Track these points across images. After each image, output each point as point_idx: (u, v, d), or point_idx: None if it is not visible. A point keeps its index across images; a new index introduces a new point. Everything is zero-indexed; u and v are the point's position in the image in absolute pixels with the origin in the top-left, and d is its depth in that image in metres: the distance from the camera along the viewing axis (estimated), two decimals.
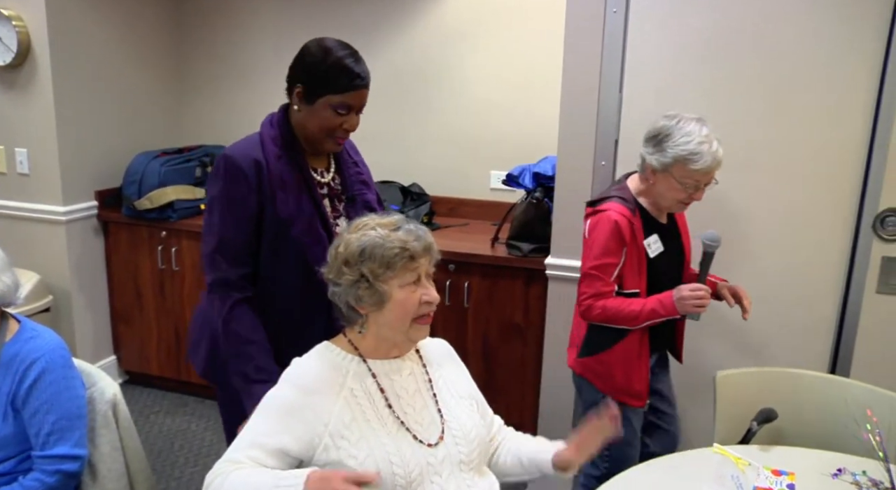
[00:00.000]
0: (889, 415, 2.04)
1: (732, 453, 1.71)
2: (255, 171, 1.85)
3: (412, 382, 1.66)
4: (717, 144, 2.14)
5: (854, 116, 2.49)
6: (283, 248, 1.90)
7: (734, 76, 2.55)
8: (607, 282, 2.22)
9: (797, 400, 2.19)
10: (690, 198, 2.20)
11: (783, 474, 1.87)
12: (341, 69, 1.84)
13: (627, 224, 2.19)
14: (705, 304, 2.15)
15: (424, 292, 1.58)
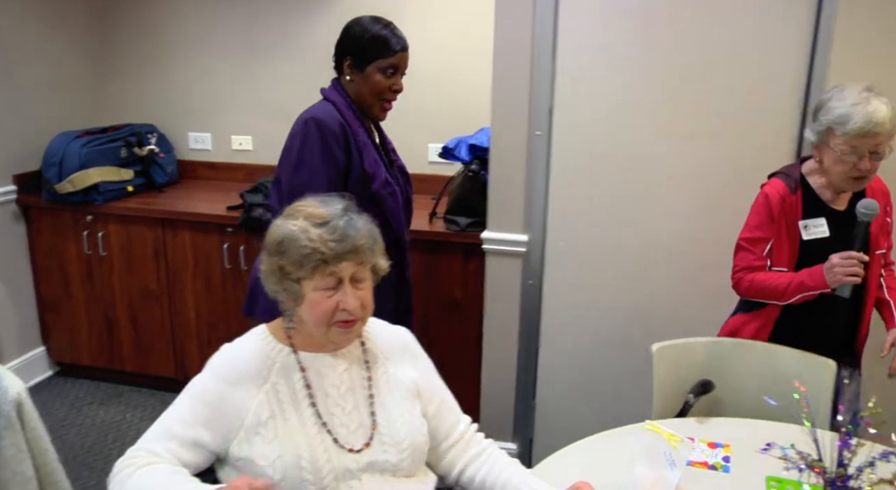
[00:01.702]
0: (822, 379, 2.05)
1: (665, 430, 1.67)
2: (342, 131, 2.04)
3: (347, 380, 1.54)
4: (879, 105, 1.92)
5: (787, 84, 2.46)
6: (365, 203, 1.92)
7: (670, 42, 2.50)
8: (759, 255, 2.14)
9: (735, 369, 2.16)
10: (857, 170, 1.97)
11: (719, 447, 1.84)
12: (384, 37, 2.12)
13: (780, 200, 2.10)
14: (858, 274, 1.95)
15: (342, 300, 1.43)
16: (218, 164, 3.92)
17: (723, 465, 1.77)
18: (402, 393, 1.57)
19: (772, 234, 2.12)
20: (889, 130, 1.93)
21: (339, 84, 2.19)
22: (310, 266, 1.40)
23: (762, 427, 1.88)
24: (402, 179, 2.30)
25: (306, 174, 2.03)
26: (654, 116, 2.56)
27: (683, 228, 2.63)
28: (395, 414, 1.54)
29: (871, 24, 2.37)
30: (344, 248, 1.41)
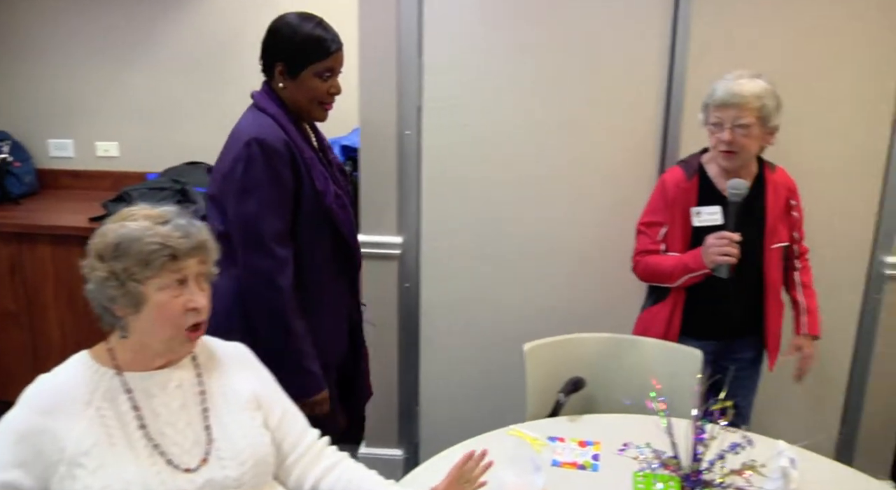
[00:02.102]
0: (688, 369, 2.07)
1: (528, 434, 1.64)
2: (288, 150, 1.88)
3: (178, 396, 1.45)
4: (747, 82, 2.01)
5: (649, 76, 2.49)
6: (318, 220, 1.95)
7: (538, 37, 2.48)
8: (654, 240, 2.18)
9: (607, 364, 2.17)
10: (721, 142, 2.05)
11: (589, 445, 1.83)
12: (317, 38, 1.92)
13: (674, 186, 2.15)
14: (731, 253, 1.99)
15: (189, 298, 1.38)
16: (81, 173, 3.67)
17: (592, 463, 1.75)
18: (240, 405, 1.50)
19: (666, 219, 2.15)
20: (754, 106, 1.99)
21: (272, 90, 1.97)
22: (158, 263, 1.34)
23: (633, 422, 1.88)
24: (342, 180, 2.12)
25: (254, 203, 1.85)
26: (524, 111, 2.54)
27: (560, 222, 2.63)
28: (233, 427, 1.47)
29: (725, 13, 2.42)
30: (191, 244, 1.38)
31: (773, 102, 2.03)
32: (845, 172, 2.53)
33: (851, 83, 2.46)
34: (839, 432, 2.81)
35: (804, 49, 2.45)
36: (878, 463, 2.81)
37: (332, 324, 2.06)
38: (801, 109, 2.47)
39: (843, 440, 2.81)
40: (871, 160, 2.53)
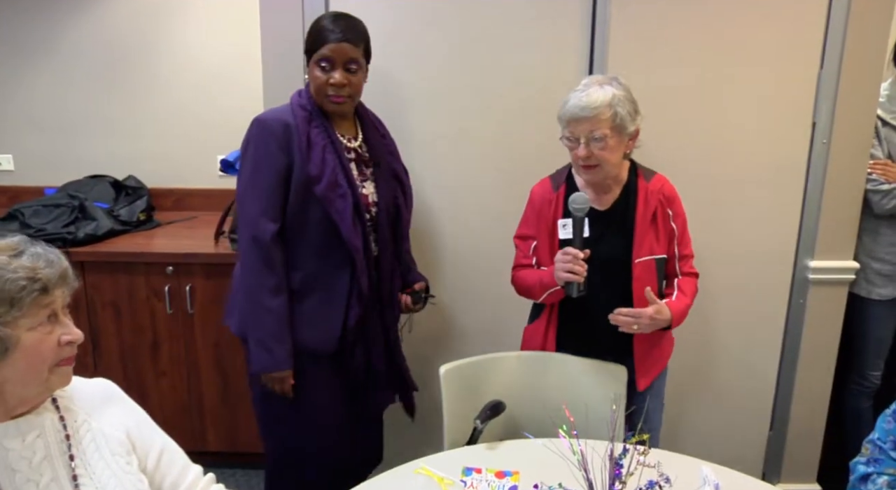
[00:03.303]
0: (613, 386, 2.00)
1: (435, 473, 1.53)
2: (284, 130, 1.96)
3: (41, 446, 1.29)
4: (597, 91, 1.89)
5: (569, 80, 2.39)
6: (309, 206, 1.98)
7: (449, 40, 2.40)
8: (526, 253, 2.11)
9: (530, 384, 2.06)
10: (577, 157, 1.94)
11: (507, 476, 1.72)
12: (320, 28, 1.99)
13: (539, 198, 2.09)
14: (576, 271, 1.88)
15: (64, 332, 1.26)
16: None
17: None
18: (111, 448, 1.36)
19: (535, 232, 2.08)
20: (606, 116, 1.88)
21: None
22: (29, 299, 1.20)
23: (556, 446, 1.77)
24: (386, 184, 2.13)
25: (244, 178, 2.01)
26: (441, 120, 2.45)
27: (462, 234, 2.55)
28: (106, 475, 1.32)
29: (644, 18, 2.36)
30: (57, 273, 1.25)
31: (626, 109, 1.90)
32: (767, 177, 2.50)
33: (771, 88, 2.42)
34: (768, 438, 2.78)
35: (725, 54, 2.40)
36: (805, 467, 2.80)
37: (317, 313, 2.05)
38: (723, 114, 2.44)
39: (771, 445, 2.78)
40: (793, 165, 2.50)
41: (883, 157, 2.55)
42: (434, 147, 2.47)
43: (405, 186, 2.21)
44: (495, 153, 2.48)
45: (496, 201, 2.51)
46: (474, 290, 2.59)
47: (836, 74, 2.41)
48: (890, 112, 2.56)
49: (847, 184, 2.50)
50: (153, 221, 3.12)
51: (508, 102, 2.44)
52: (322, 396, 2.11)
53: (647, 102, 2.38)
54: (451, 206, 2.53)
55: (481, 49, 2.40)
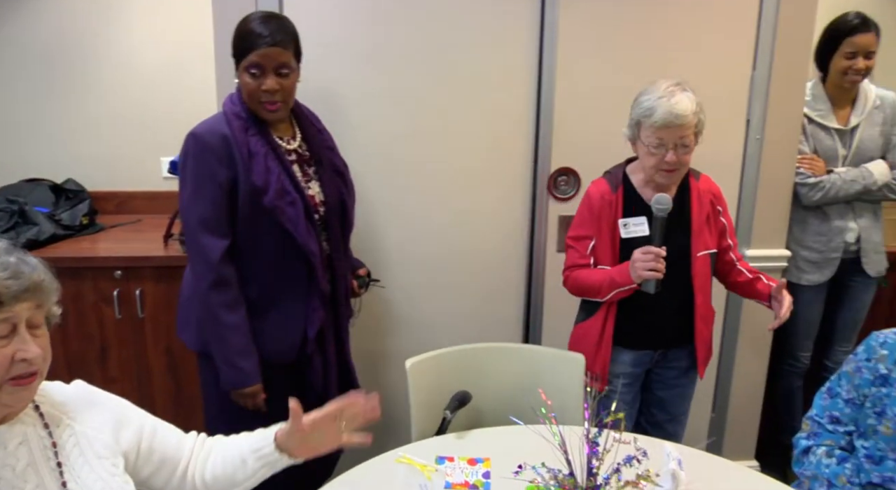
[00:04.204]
0: (574, 375, 2.08)
1: (417, 460, 1.57)
2: (222, 143, 1.90)
3: (24, 454, 1.27)
4: (683, 98, 1.95)
5: (520, 79, 2.48)
6: (258, 218, 1.93)
7: (401, 40, 2.42)
8: (583, 254, 2.13)
9: (493, 375, 2.13)
10: (664, 162, 1.99)
11: (479, 462, 1.78)
12: (247, 33, 1.91)
13: (600, 198, 2.11)
14: (658, 269, 1.95)
15: (20, 348, 1.22)
16: None
17: (483, 482, 1.70)
18: (96, 452, 1.35)
19: (593, 232, 2.11)
20: (693, 123, 1.98)
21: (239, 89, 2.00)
22: None
23: (522, 434, 1.84)
24: (330, 181, 2.10)
25: (186, 194, 1.94)
26: (391, 119, 2.48)
27: (434, 232, 2.58)
28: (92, 479, 1.32)
29: (590, 18, 2.46)
30: (21, 286, 1.21)
31: (703, 113, 2.02)
32: (707, 172, 2.61)
33: (709, 88, 2.53)
34: (711, 420, 2.93)
35: (666, 56, 2.51)
36: (744, 445, 2.95)
37: (277, 325, 2.03)
38: None
39: (714, 426, 2.93)
40: (730, 160, 2.64)
41: (810, 153, 2.72)
42: (383, 144, 2.49)
43: (347, 180, 2.19)
44: (444, 151, 2.52)
45: (444, 198, 2.56)
46: (419, 284, 2.63)
47: (766, 76, 2.56)
48: (815, 110, 2.73)
49: (778, 177, 2.66)
50: (96, 225, 3.05)
51: (457, 100, 2.48)
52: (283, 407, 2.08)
53: (594, 102, 2.51)
54: (398, 203, 2.55)
55: (431, 48, 2.43)
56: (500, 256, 2.62)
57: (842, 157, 2.73)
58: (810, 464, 1.76)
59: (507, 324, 2.67)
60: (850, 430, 1.76)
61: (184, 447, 1.52)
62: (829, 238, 2.76)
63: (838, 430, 1.77)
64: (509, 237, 2.60)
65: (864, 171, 2.69)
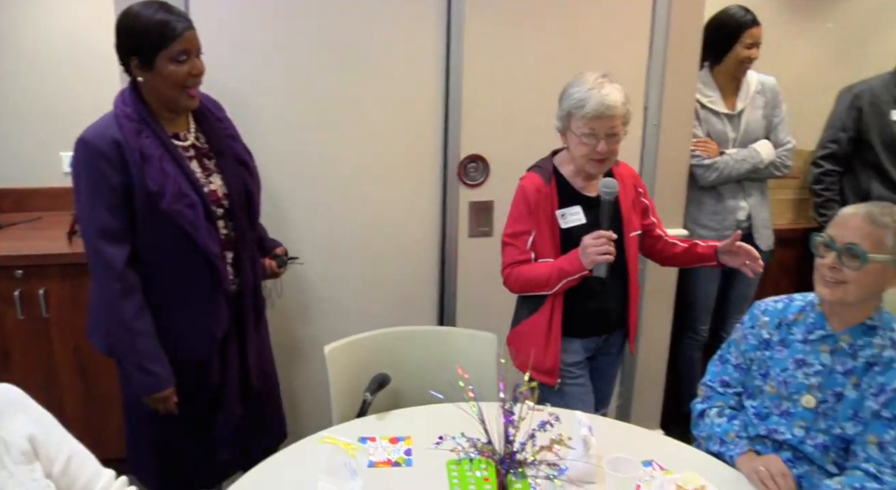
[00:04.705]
0: (488, 353, 2.16)
1: (341, 439, 1.61)
2: (114, 148, 1.84)
3: None
4: (612, 90, 2.00)
5: (428, 69, 2.53)
6: (157, 222, 1.89)
7: (308, 32, 2.42)
8: (523, 249, 2.12)
9: (410, 357, 2.18)
10: (596, 152, 2.03)
11: (400, 441, 1.83)
12: (162, 22, 1.86)
13: (536, 191, 2.10)
14: (609, 252, 1.97)
15: None
16: None
17: (405, 459, 1.75)
18: (14, 458, 1.33)
19: (532, 226, 2.12)
20: (622, 114, 2.03)
21: (134, 87, 1.94)
22: None
23: (442, 412, 1.90)
24: (233, 172, 2.06)
25: (81, 201, 1.89)
26: (303, 112, 2.48)
27: (347, 222, 2.60)
28: (10, 484, 1.30)
29: (495, 13, 2.52)
30: None
31: (630, 104, 2.08)
32: None
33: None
34: (618, 393, 3.06)
35: (568, 47, 2.61)
36: (650, 415, 3.11)
37: (183, 326, 2.00)
38: None
39: (621, 399, 3.07)
40: (630, 145, 2.75)
41: (703, 136, 2.89)
42: (293, 137, 2.49)
43: (251, 168, 2.15)
44: (354, 141, 2.54)
45: (356, 187, 2.58)
46: (335, 273, 2.64)
47: (661, 64, 2.70)
48: (706, 96, 2.90)
49: (675, 160, 2.82)
50: None
51: (365, 91, 2.50)
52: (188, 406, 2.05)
53: (500, 90, 2.58)
54: (310, 194, 2.56)
55: (337, 39, 2.44)
56: (414, 243, 2.66)
57: (732, 139, 2.91)
58: (705, 425, 1.89)
59: (423, 308, 2.72)
60: (738, 391, 1.90)
61: (97, 483, 1.45)
62: (724, 216, 2.94)
63: (728, 392, 1.91)
64: (422, 224, 2.65)
65: (752, 151, 2.88)
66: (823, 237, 1.72)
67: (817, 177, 3.18)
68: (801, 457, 1.77)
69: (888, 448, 1.63)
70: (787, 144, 2.95)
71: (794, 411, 1.77)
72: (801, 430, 1.76)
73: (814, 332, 1.78)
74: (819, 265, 1.73)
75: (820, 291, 1.74)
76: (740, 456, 1.76)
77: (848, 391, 1.71)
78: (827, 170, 3.15)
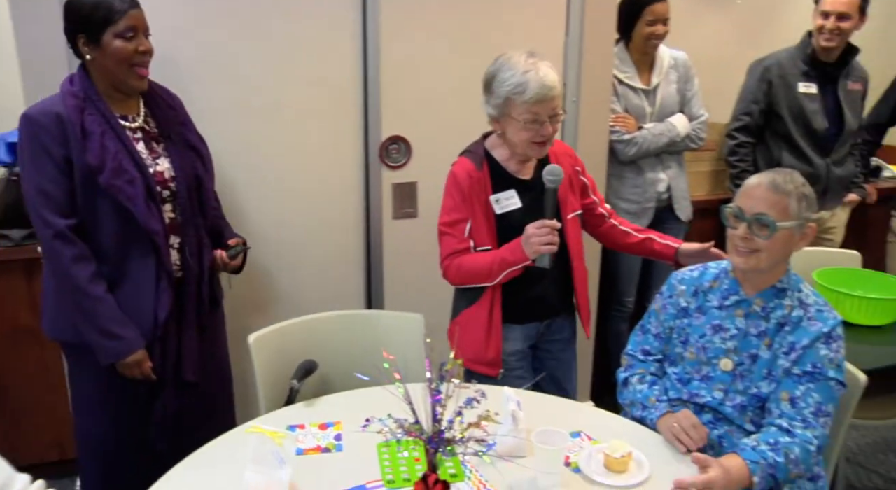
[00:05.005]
0: (416, 334, 2.15)
1: (267, 428, 1.58)
2: (57, 123, 1.88)
3: None
4: (548, 70, 1.93)
5: (345, 49, 2.49)
6: (96, 197, 1.91)
7: (223, 16, 2.36)
8: (461, 238, 2.05)
9: (338, 342, 2.16)
10: (540, 135, 1.97)
11: (329, 427, 1.81)
12: (102, 1, 1.88)
13: (467, 177, 2.04)
14: (553, 242, 1.91)
15: None
16: None
17: (335, 444, 1.74)
18: None
19: (468, 214, 2.05)
20: (561, 92, 2.00)
21: (83, 68, 1.97)
22: None
23: (370, 395, 1.89)
24: (182, 156, 2.06)
25: (26, 175, 1.92)
26: (210, 92, 2.40)
27: (269, 207, 2.55)
28: None
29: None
30: None
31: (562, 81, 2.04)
32: None
33: None
34: None
35: (486, 21, 2.60)
36: (580, 389, 3.16)
37: (128, 309, 1.97)
38: None
39: None
40: None
41: (621, 111, 2.94)
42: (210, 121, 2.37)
43: (203, 155, 2.14)
44: (273, 125, 2.48)
45: (277, 172, 2.53)
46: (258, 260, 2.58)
47: (578, 41, 2.73)
48: (622, 72, 2.95)
49: (595, 135, 2.85)
50: None
51: (282, 74, 2.45)
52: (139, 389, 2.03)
53: (419, 70, 2.56)
54: (229, 179, 2.48)
55: (251, 21, 2.38)
56: (338, 227, 2.63)
57: (649, 114, 2.97)
58: (628, 393, 1.94)
59: (351, 291, 2.69)
60: (659, 359, 1.96)
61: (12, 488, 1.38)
62: (644, 189, 3.00)
63: (649, 360, 1.96)
64: (345, 207, 2.62)
65: (669, 125, 2.95)
66: (733, 208, 1.77)
67: (732, 148, 3.27)
68: (722, 418, 1.83)
69: (799, 403, 1.70)
70: (701, 117, 3.02)
71: (714, 375, 1.83)
72: (721, 393, 1.82)
73: (728, 297, 1.84)
74: (731, 235, 1.78)
75: (734, 261, 1.79)
76: (659, 418, 1.81)
77: (762, 352, 1.77)
78: (741, 141, 3.25)
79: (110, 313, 1.93)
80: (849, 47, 3.18)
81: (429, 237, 2.66)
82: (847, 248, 3.08)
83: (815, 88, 3.18)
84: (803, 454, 1.64)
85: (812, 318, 1.75)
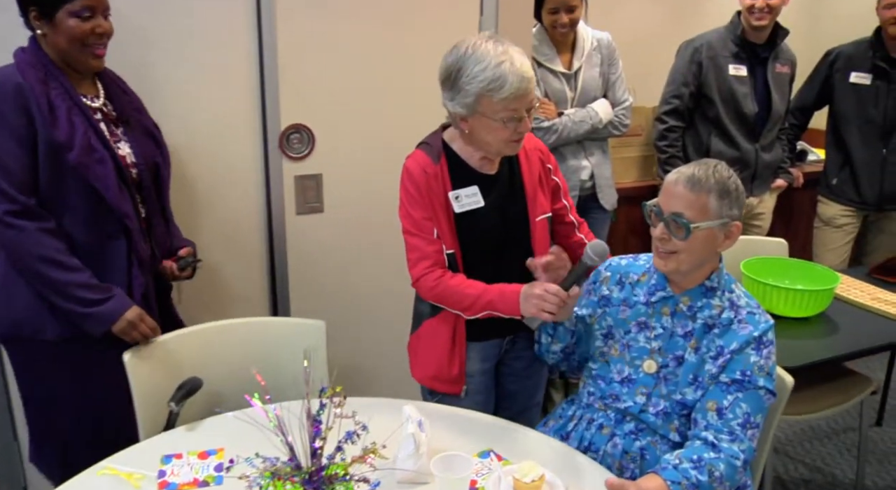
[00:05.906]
0: (318, 343, 1.97)
1: (121, 469, 1.37)
2: (18, 92, 1.74)
3: None
4: (522, 58, 1.69)
5: (238, 35, 2.27)
6: (64, 177, 1.79)
7: None
8: (430, 239, 1.81)
9: (229, 355, 1.95)
10: (518, 133, 1.74)
11: (211, 455, 1.61)
12: None
13: (422, 172, 1.80)
14: (553, 312, 1.67)
15: None
16: None
17: (214, 476, 1.54)
18: None
19: (426, 212, 1.82)
20: (535, 83, 1.77)
21: (35, 41, 1.84)
22: None
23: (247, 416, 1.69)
24: (141, 142, 1.95)
25: None
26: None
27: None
28: None
29: None
30: None
31: None
32: None
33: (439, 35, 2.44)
34: None
35: (396, 9, 2.40)
36: None
37: None
38: (395, 61, 2.45)
39: None
40: None
41: (541, 96, 2.77)
42: None
43: (160, 143, 2.04)
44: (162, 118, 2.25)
45: None
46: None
47: (493, 22, 2.54)
48: (542, 55, 2.79)
49: None
50: None
51: (172, 63, 2.23)
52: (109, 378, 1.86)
53: (321, 54, 2.36)
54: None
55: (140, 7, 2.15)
56: (237, 225, 2.41)
57: (570, 99, 2.82)
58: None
59: (253, 296, 2.48)
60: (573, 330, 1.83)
61: None
62: (567, 177, 2.84)
63: None
64: (244, 203, 2.40)
65: (591, 111, 2.80)
66: (652, 206, 1.64)
67: (661, 133, 3.16)
68: (644, 428, 1.70)
69: (726, 414, 1.58)
70: (625, 102, 2.89)
71: (636, 377, 1.70)
72: (643, 397, 1.69)
73: (655, 293, 1.71)
74: (652, 235, 1.65)
75: (655, 263, 1.67)
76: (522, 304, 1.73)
77: (688, 355, 1.65)
78: (670, 126, 3.14)
79: (91, 281, 1.79)
80: (777, 28, 3.10)
81: (337, 233, 2.50)
82: (774, 234, 3.01)
83: (744, 71, 3.10)
84: (728, 470, 1.52)
85: (743, 320, 1.64)
